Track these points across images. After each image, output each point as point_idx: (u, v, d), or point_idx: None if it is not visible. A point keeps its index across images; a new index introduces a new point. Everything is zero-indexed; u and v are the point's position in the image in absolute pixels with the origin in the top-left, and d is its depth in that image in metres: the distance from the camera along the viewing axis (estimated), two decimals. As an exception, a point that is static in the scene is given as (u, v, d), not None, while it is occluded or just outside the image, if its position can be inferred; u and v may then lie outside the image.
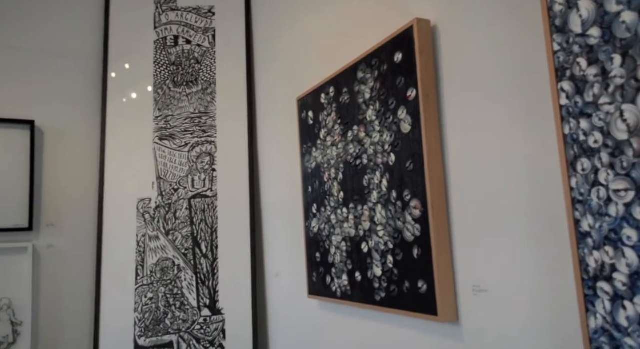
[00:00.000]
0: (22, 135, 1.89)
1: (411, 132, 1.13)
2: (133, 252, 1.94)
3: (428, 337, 1.12)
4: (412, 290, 1.11)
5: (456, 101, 1.06)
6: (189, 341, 1.91)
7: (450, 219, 1.06)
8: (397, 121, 1.17)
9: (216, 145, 2.07)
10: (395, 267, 1.18)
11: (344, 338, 1.46)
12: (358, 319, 1.38)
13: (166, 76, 2.08)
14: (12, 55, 1.93)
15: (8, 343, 1.79)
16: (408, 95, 1.14)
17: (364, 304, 1.29)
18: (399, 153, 1.17)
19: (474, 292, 0.99)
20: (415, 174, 1.11)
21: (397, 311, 1.16)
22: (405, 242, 1.14)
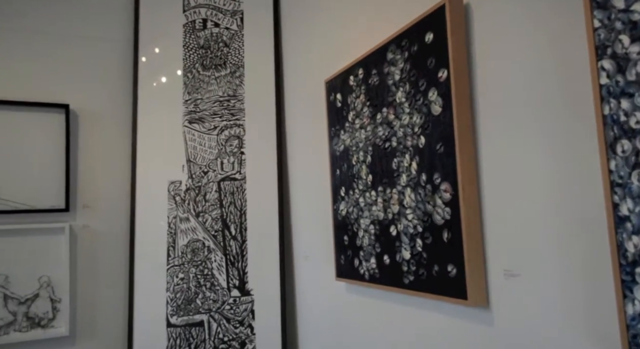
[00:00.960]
0: (57, 119, 1.94)
1: (442, 114, 1.11)
2: (164, 234, 1.98)
3: (457, 321, 1.11)
4: (442, 274, 1.10)
5: (489, 81, 1.03)
6: (219, 321, 1.96)
7: (482, 203, 1.04)
8: (428, 102, 1.15)
9: (244, 128, 2.09)
10: (424, 250, 1.17)
11: (371, 320, 1.46)
12: (386, 302, 1.39)
13: (195, 60, 2.09)
14: (47, 41, 1.97)
15: (48, 319, 1.87)
16: (439, 76, 1.11)
17: (392, 287, 1.29)
18: (429, 135, 1.15)
19: (505, 276, 0.98)
20: (446, 157, 1.09)
21: (426, 294, 1.16)
22: (435, 226, 1.13)
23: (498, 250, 1.00)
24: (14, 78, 1.91)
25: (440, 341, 1.17)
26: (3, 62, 1.90)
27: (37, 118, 1.91)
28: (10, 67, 1.91)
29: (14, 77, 1.91)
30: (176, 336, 1.92)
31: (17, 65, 1.92)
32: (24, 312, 1.83)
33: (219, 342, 1.94)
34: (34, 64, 1.95)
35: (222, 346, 1.94)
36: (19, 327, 1.82)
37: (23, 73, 1.93)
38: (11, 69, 1.91)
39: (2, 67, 1.90)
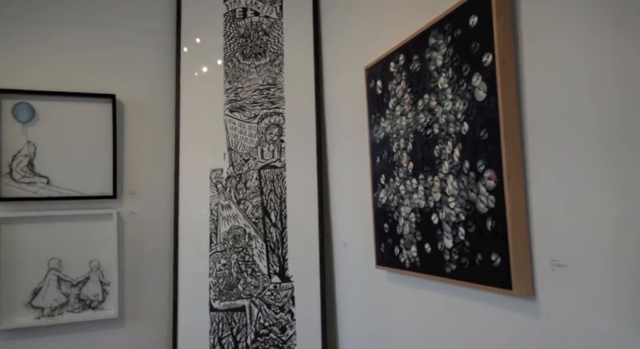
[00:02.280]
0: (104, 108, 2.00)
1: (486, 100, 1.08)
2: (207, 220, 2.03)
3: (501, 311, 1.09)
4: (485, 263, 1.08)
5: (537, 65, 1.00)
6: (260, 306, 1.99)
7: (528, 190, 1.02)
8: (471, 88, 1.12)
9: (284, 116, 2.10)
10: (467, 239, 1.15)
11: (411, 309, 1.46)
12: (427, 290, 1.37)
13: (235, 49, 2.12)
14: (94, 33, 2.04)
15: (98, 301, 1.95)
16: (483, 61, 1.08)
17: (434, 276, 1.28)
18: (472, 122, 1.12)
19: (552, 266, 0.95)
20: (490, 144, 1.06)
21: (469, 283, 1.14)
22: (478, 214, 1.10)
23: (545, 240, 0.97)
24: (63, 70, 1.98)
25: (483, 330, 1.15)
26: (54, 55, 1.97)
27: (85, 108, 1.98)
28: (60, 59, 1.98)
29: (63, 69, 1.98)
30: (219, 320, 1.97)
31: (66, 58, 1.99)
32: (76, 294, 1.92)
33: (260, 327, 1.98)
34: (82, 55, 2.01)
35: (263, 331, 1.98)
36: (72, 308, 1.91)
37: (72, 65, 2.00)
38: (61, 61, 1.98)
39: (53, 59, 1.97)
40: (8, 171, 1.86)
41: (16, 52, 1.93)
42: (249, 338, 1.97)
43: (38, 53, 1.95)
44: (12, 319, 1.84)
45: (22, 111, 1.89)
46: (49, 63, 1.97)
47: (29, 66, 1.94)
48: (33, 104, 1.91)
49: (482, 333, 1.16)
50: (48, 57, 1.97)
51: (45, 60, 1.96)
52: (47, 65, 1.96)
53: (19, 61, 1.93)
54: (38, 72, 1.95)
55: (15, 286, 1.85)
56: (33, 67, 1.94)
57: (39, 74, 1.95)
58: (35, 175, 1.90)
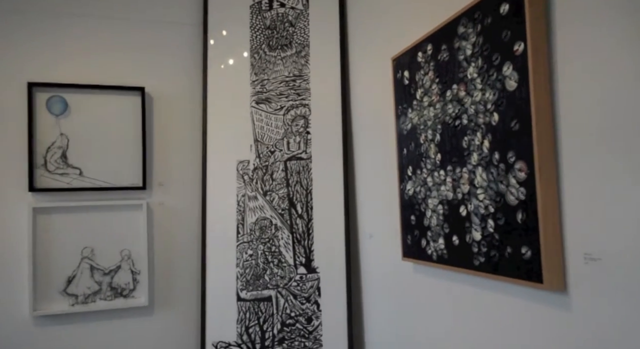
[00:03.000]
0: (134, 101, 2.04)
1: (517, 90, 1.05)
2: (234, 211, 2.05)
3: (531, 305, 1.07)
4: (515, 256, 1.07)
5: (571, 54, 0.97)
6: (287, 297, 2.01)
7: (560, 182, 0.99)
8: (502, 77, 1.10)
9: (310, 108, 2.10)
10: (496, 231, 1.13)
11: (439, 301, 1.45)
12: (454, 283, 1.36)
13: (262, 40, 2.12)
14: (123, 26, 2.07)
15: (129, 289, 2.00)
16: (515, 49, 1.06)
17: (462, 269, 1.27)
18: (502, 112, 1.10)
19: (585, 260, 0.93)
20: (521, 135, 1.04)
21: (498, 276, 1.12)
22: (508, 206, 1.09)
23: (578, 233, 0.95)
24: (94, 63, 2.02)
25: (512, 324, 1.14)
26: (85, 49, 2.01)
27: (116, 101, 2.02)
28: (92, 53, 2.02)
29: (94, 62, 2.02)
30: (246, 310, 2.00)
31: (97, 51, 2.03)
32: (108, 282, 1.98)
33: (287, 317, 2.00)
34: (112, 49, 2.05)
35: (290, 321, 2.00)
36: (104, 296, 1.97)
37: (103, 58, 2.04)
38: (92, 55, 2.02)
39: (84, 53, 2.01)
40: (43, 163, 1.92)
41: (49, 46, 1.97)
42: (276, 328, 1.99)
43: (70, 47, 2.00)
44: (48, 305, 1.90)
45: (56, 104, 1.94)
46: (80, 57, 2.01)
47: (62, 60, 1.98)
48: (66, 97, 1.95)
49: (511, 326, 1.14)
50: (80, 51, 2.01)
51: (77, 54, 2.00)
52: (79, 59, 2.01)
53: (52, 55, 1.97)
54: (70, 65, 1.99)
55: (51, 273, 1.91)
56: (65, 61, 1.99)
57: (71, 68, 1.99)
58: (69, 166, 1.95)
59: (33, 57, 1.95)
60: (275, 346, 1.99)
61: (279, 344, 1.99)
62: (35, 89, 1.92)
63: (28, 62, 1.94)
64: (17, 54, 1.93)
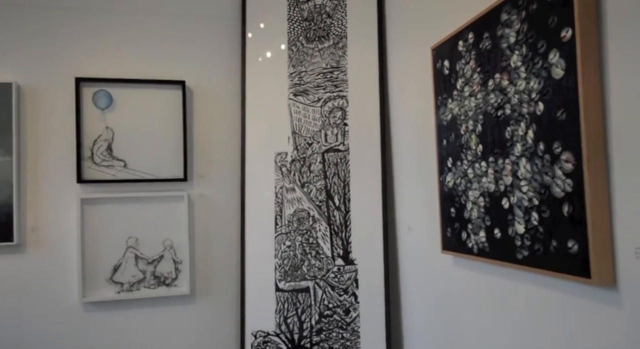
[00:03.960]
0: (175, 94, 2.08)
1: (564, 78, 1.02)
2: (272, 203, 2.07)
3: (578, 300, 1.04)
4: (560, 250, 1.03)
5: (623, 39, 0.92)
6: (324, 288, 2.02)
7: (610, 174, 0.95)
8: (548, 65, 1.06)
9: (347, 99, 2.09)
10: (540, 224, 1.10)
11: (479, 295, 1.42)
12: (496, 277, 1.34)
13: (299, 32, 2.12)
14: (164, 22, 2.11)
15: (172, 278, 2.06)
16: (562, 36, 1.02)
17: (504, 262, 1.24)
18: (548, 102, 1.06)
19: (637, 255, 0.89)
20: (568, 125, 1.01)
21: (542, 271, 1.09)
22: (554, 199, 1.05)
23: (629, 226, 0.91)
24: (137, 58, 2.08)
25: (557, 319, 1.11)
26: (128, 44, 2.07)
27: (158, 94, 2.07)
28: (135, 48, 2.08)
29: (137, 57, 2.08)
30: (284, 300, 2.02)
31: (140, 46, 2.08)
32: (151, 271, 2.04)
33: (324, 308, 2.01)
34: (154, 44, 2.10)
35: (327, 312, 2.01)
36: (148, 284, 2.03)
37: (145, 53, 2.09)
38: (135, 50, 2.08)
39: (128, 48, 2.07)
40: (89, 155, 1.99)
41: (95, 43, 2.04)
42: (314, 319, 2.01)
43: (115, 43, 2.06)
44: (95, 292, 1.98)
45: (101, 98, 2.01)
46: (124, 52, 2.06)
47: (107, 56, 2.04)
48: (111, 91, 2.02)
49: (555, 322, 1.11)
50: (123, 46, 2.06)
51: (121, 50, 2.06)
52: (123, 54, 2.06)
53: (98, 51, 2.04)
54: (115, 61, 2.05)
55: (98, 262, 1.98)
56: (110, 56, 2.05)
57: (115, 63, 2.05)
58: (114, 158, 2.01)
59: (80, 53, 2.02)
60: (313, 336, 2.00)
61: (317, 335, 2.00)
62: (83, 84, 1.99)
63: (76, 58, 2.01)
64: (65, 50, 2.01)
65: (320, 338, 2.00)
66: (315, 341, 2.00)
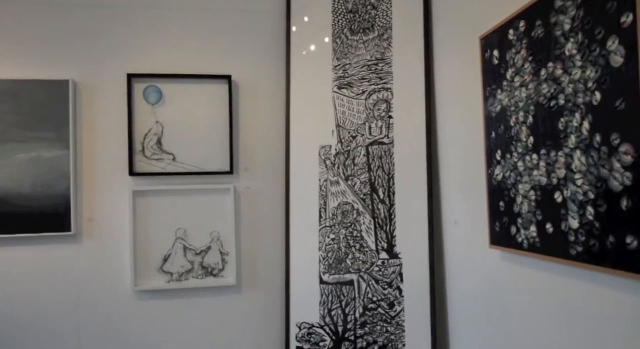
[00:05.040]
0: (221, 89, 2.12)
1: (623, 66, 0.97)
2: (316, 196, 2.08)
3: (636, 299, 0.99)
4: (618, 246, 0.99)
5: (690, 23, 0.87)
6: (369, 282, 2.02)
7: (674, 167, 0.90)
8: (606, 53, 1.01)
9: (392, 92, 2.06)
10: (596, 220, 1.05)
11: (529, 291, 1.38)
12: (548, 273, 1.29)
13: (344, 25, 2.11)
14: (211, 18, 2.15)
15: (219, 269, 2.11)
16: (622, 22, 0.97)
17: (556, 258, 1.20)
18: (606, 91, 1.02)
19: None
20: (627, 115, 0.96)
21: (598, 268, 1.05)
22: (611, 193, 1.01)
23: (694, 222, 0.86)
24: (185, 54, 2.12)
25: (613, 318, 1.06)
26: (176, 40, 2.12)
27: (205, 89, 2.11)
28: (183, 44, 2.13)
29: (185, 53, 2.12)
30: (328, 293, 2.03)
31: (187, 42, 2.13)
32: (199, 262, 2.09)
33: (369, 302, 2.01)
34: (201, 40, 2.14)
35: (372, 305, 2.01)
36: (196, 274, 2.09)
37: (193, 49, 2.13)
38: (183, 45, 2.13)
39: (176, 44, 2.12)
40: (141, 149, 2.06)
41: (145, 39, 2.10)
42: (358, 312, 2.01)
43: (163, 40, 2.11)
44: (147, 281, 2.05)
45: (152, 94, 2.07)
46: (173, 48, 2.12)
47: (156, 52, 2.10)
48: (161, 86, 2.08)
49: (611, 321, 1.07)
50: (172, 43, 2.12)
51: (170, 46, 2.12)
52: (172, 50, 2.12)
53: (148, 48, 2.10)
54: (164, 57, 2.11)
55: (149, 252, 2.05)
56: (159, 52, 2.11)
57: (165, 59, 2.10)
58: (163, 152, 2.08)
59: (132, 51, 2.09)
60: (358, 329, 2.01)
61: (361, 328, 2.00)
62: (134, 80, 2.05)
63: (127, 55, 2.08)
64: (117, 48, 2.08)
65: (365, 331, 2.00)
66: (359, 334, 2.00)
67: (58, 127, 1.97)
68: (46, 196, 1.95)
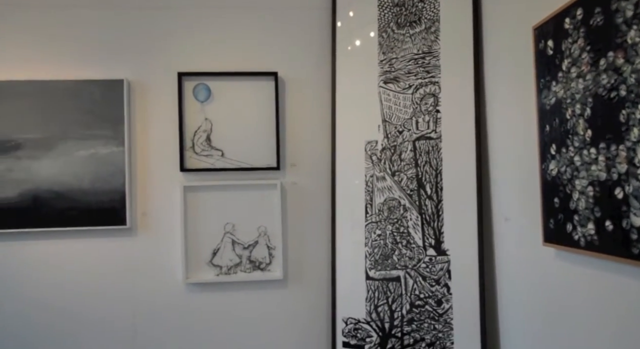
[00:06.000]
0: (268, 86, 2.15)
1: (693, 53, 0.91)
2: (362, 191, 2.07)
3: None
4: (686, 245, 0.93)
5: None
6: (415, 278, 1.99)
7: None
8: (673, 40, 0.95)
9: (440, 85, 2.02)
10: (661, 217, 1.00)
11: (586, 291, 1.33)
12: (607, 273, 1.24)
13: (390, 18, 2.09)
14: (257, 15, 2.18)
15: (266, 263, 2.14)
16: (691, 6, 0.91)
17: (616, 257, 1.14)
18: (673, 80, 0.96)
19: None
20: (698, 105, 0.90)
21: (663, 267, 1.00)
22: (678, 188, 0.95)
23: None
24: (233, 52, 2.16)
25: (680, 322, 1.00)
26: (224, 39, 2.16)
27: (252, 86, 2.15)
28: (230, 42, 2.17)
29: (232, 50, 2.16)
30: (374, 289, 2.03)
31: (234, 40, 2.17)
32: (247, 256, 2.13)
33: (415, 298, 1.99)
34: (247, 37, 2.17)
35: (419, 302, 1.98)
36: (244, 268, 2.13)
37: (240, 46, 2.17)
38: (231, 43, 2.17)
39: (224, 42, 2.16)
40: (191, 145, 2.11)
41: (194, 38, 2.15)
42: (405, 308, 1.99)
43: (211, 38, 2.16)
44: (197, 274, 2.11)
45: (201, 91, 2.12)
46: (220, 46, 2.16)
47: (205, 50, 2.15)
48: (209, 84, 2.12)
49: (678, 324, 1.01)
50: (219, 41, 2.16)
51: (218, 44, 2.16)
52: (219, 48, 2.16)
53: (197, 47, 2.15)
54: (212, 55, 2.15)
55: (199, 246, 2.11)
56: (208, 51, 2.15)
57: (213, 57, 2.15)
58: (212, 148, 2.12)
59: (181, 50, 2.15)
60: (404, 326, 1.99)
61: (408, 325, 1.99)
62: (184, 78, 2.11)
63: (177, 54, 2.14)
64: (168, 47, 2.14)
65: (412, 328, 1.98)
66: (406, 331, 1.99)
67: (114, 125, 2.05)
68: (103, 191, 2.04)
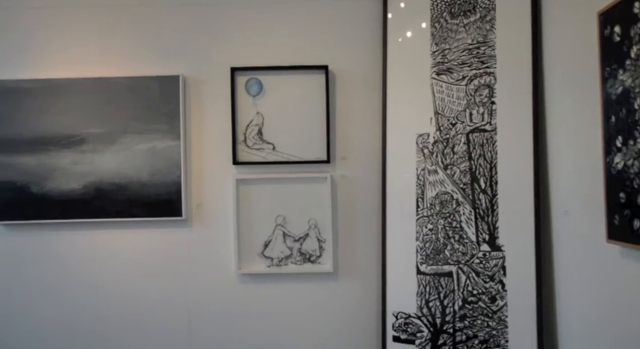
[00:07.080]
0: (318, 79, 2.15)
1: None
2: (413, 185, 2.05)
3: None
4: None
5: None
6: (468, 274, 1.95)
7: None
8: None
9: (495, 76, 1.96)
10: None
11: (655, 291, 1.26)
12: (678, 271, 1.17)
13: (443, 8, 2.04)
14: (306, 8, 2.18)
15: (316, 256, 2.16)
16: None
17: (690, 255, 1.07)
18: None
19: None
20: None
21: None
22: None
23: None
24: (283, 46, 2.18)
25: None
26: (275, 33, 2.18)
27: (302, 80, 2.16)
28: (280, 36, 2.18)
29: (283, 45, 2.18)
30: (425, 284, 2.00)
31: (285, 34, 2.18)
32: (297, 248, 2.16)
33: (468, 294, 1.95)
34: (297, 31, 2.18)
35: (472, 298, 1.94)
36: (295, 260, 2.16)
37: (290, 40, 2.18)
38: (281, 37, 2.18)
39: (274, 36, 2.18)
40: (243, 139, 2.15)
41: (245, 33, 2.18)
42: (457, 304, 1.96)
43: (262, 32, 2.18)
44: (249, 265, 2.16)
45: (253, 86, 2.16)
46: (271, 41, 2.18)
47: (257, 45, 2.18)
48: (261, 78, 2.15)
49: None
50: (270, 35, 2.18)
51: (269, 39, 2.18)
52: (271, 42, 2.18)
53: (249, 42, 2.18)
54: (264, 50, 2.18)
55: (251, 237, 2.15)
56: (260, 45, 2.18)
57: (264, 52, 2.17)
58: (264, 142, 2.16)
59: (234, 45, 2.18)
60: (457, 322, 1.95)
61: (460, 321, 1.95)
62: (237, 73, 2.15)
63: (230, 50, 2.18)
64: (221, 43, 2.18)
65: (464, 324, 1.94)
66: (458, 327, 1.95)
67: (170, 119, 2.12)
68: (161, 183, 2.11)
